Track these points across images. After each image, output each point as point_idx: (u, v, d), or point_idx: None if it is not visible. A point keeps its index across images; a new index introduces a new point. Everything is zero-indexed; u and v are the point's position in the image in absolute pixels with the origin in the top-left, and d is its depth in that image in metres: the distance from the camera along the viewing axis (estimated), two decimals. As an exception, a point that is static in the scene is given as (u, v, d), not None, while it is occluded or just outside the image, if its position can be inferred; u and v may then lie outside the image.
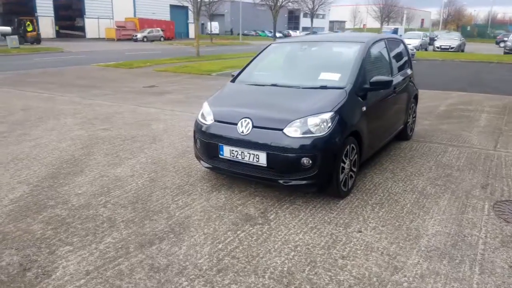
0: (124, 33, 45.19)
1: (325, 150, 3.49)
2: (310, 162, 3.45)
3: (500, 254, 2.90)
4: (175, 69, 16.38)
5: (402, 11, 74.34)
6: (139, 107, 8.43)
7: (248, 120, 3.71)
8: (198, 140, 4.12)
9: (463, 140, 5.91)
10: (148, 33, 44.80)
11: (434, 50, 29.69)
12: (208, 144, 3.97)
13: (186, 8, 55.85)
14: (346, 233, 3.19)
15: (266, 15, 68.69)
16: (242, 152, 3.70)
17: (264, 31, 70.71)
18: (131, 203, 3.77)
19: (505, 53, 26.76)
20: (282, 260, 2.80)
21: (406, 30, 50.37)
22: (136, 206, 3.71)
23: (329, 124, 3.52)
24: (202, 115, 4.21)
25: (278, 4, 29.84)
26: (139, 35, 43.96)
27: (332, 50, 4.78)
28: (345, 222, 3.36)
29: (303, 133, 3.51)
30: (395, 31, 47.35)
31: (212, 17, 43.63)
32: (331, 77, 4.13)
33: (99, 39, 45.35)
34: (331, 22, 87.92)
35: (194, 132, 4.26)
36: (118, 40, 44.31)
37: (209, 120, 4.04)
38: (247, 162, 3.69)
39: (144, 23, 47.04)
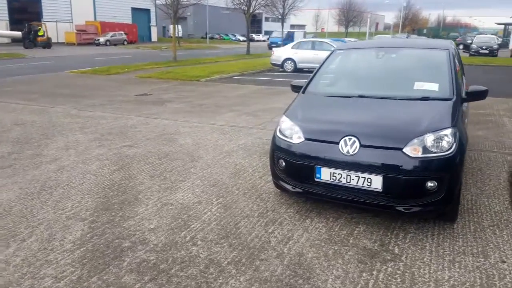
0: (85, 37, 43.08)
1: (452, 170, 3.12)
2: (436, 185, 3.08)
3: None
4: (159, 75, 15.57)
5: (361, 15, 76.46)
6: (148, 119, 7.74)
7: (353, 138, 3.27)
8: (282, 161, 3.63)
9: (511, 147, 5.80)
10: (111, 36, 42.97)
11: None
12: (299, 166, 3.49)
13: (148, 10, 54.35)
14: (491, 264, 2.84)
15: (230, 19, 68.29)
16: (347, 175, 3.25)
17: (228, 35, 70.22)
18: (222, 238, 3.22)
19: (470, 55, 28.00)
20: (454, 307, 2.40)
21: (372, 34, 51.73)
22: (231, 241, 3.17)
23: (452, 141, 3.16)
24: (282, 131, 3.73)
25: (251, 9, 29.46)
26: (102, 39, 42.03)
27: (414, 58, 4.44)
28: (479, 251, 3.01)
29: (426, 153, 3.12)
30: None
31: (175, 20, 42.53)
32: (429, 87, 3.78)
33: (58, 43, 42.85)
34: (292, 26, 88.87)
35: (273, 151, 3.76)
36: (79, 44, 42.16)
37: (297, 138, 3.56)
38: (354, 186, 3.25)
39: (106, 26, 45.12)
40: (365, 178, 3.20)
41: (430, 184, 3.08)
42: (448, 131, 3.20)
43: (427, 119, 3.35)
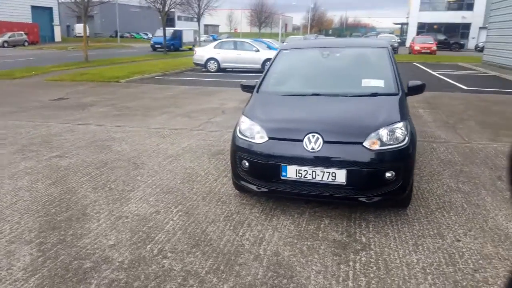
0: (-24, 39, 38.15)
1: (406, 160, 3.35)
2: (394, 174, 3.28)
3: None
4: (73, 77, 14.42)
5: (271, 16, 78.80)
6: (73, 125, 7.11)
7: (316, 135, 3.34)
8: (246, 162, 3.58)
9: (434, 136, 6.42)
10: (9, 37, 38.60)
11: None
12: (264, 165, 3.47)
13: (50, 9, 49.83)
14: (448, 244, 3.11)
15: (141, 17, 65.61)
16: (313, 171, 3.32)
17: (139, 33, 67.46)
18: (193, 247, 3.07)
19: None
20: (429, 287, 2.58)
21: (283, 35, 53.51)
22: (203, 249, 3.04)
23: (405, 133, 3.40)
24: (243, 132, 3.68)
25: (166, 8, 28.65)
26: (-1, 40, 37.63)
27: (358, 56, 4.66)
28: (436, 233, 3.28)
29: (383, 145, 3.30)
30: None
31: (79, 19, 39.57)
32: (376, 83, 4.01)
33: None
34: (206, 26, 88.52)
35: (235, 152, 3.70)
36: (-30, 45, 37.22)
37: (259, 137, 3.54)
38: (320, 181, 3.33)
39: (3, 26, 40.39)
40: (329, 172, 3.29)
41: (388, 174, 3.27)
42: (401, 124, 3.43)
43: (381, 114, 3.56)
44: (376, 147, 3.29)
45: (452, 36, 44.27)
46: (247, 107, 3.99)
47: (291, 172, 3.37)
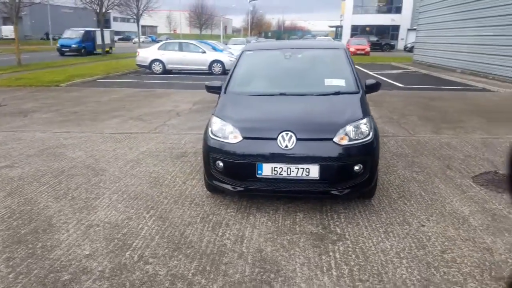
0: None
1: (372, 153, 3.57)
2: (362, 167, 3.48)
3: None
4: (7, 82, 13.39)
5: (212, 18, 78.52)
6: (18, 133, 6.64)
7: (290, 133, 3.45)
8: (220, 162, 3.60)
9: (383, 131, 6.83)
10: None
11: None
12: (240, 164, 3.52)
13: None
14: (415, 230, 3.35)
15: (74, 19, 62.22)
16: (288, 168, 3.42)
17: (73, 36, 63.94)
18: (175, 250, 3.04)
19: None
20: (410, 272, 2.77)
21: (225, 37, 53.43)
22: (186, 252, 3.02)
23: (370, 128, 3.61)
24: (216, 132, 3.70)
25: (104, 8, 27.46)
26: None
27: (318, 57, 4.84)
28: (402, 220, 3.52)
29: (351, 140, 3.49)
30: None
31: (6, 20, 36.71)
32: (337, 82, 4.21)
33: None
34: (144, 27, 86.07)
35: (208, 153, 3.70)
36: None
37: (233, 137, 3.58)
38: (294, 177, 3.44)
39: None
40: (303, 168, 3.41)
41: (356, 167, 3.47)
42: (365, 120, 3.65)
43: (346, 111, 3.75)
44: (345, 142, 3.47)
45: (383, 38, 47.02)
46: (217, 108, 4.00)
47: (267, 170, 3.45)
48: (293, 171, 3.43)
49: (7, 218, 3.55)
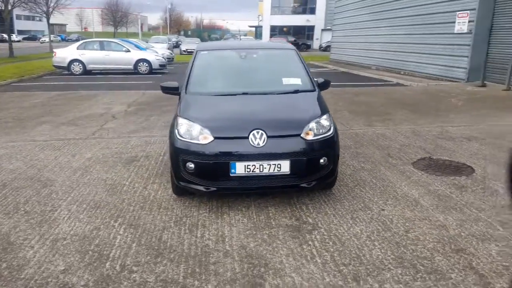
0: None
1: (335, 147, 3.81)
2: (326, 160, 3.71)
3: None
4: None
5: (126, 15, 75.23)
6: None
7: (260, 131, 3.55)
8: (191, 164, 3.57)
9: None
10: None
11: (181, 54, 32.30)
12: (213, 165, 3.53)
13: None
14: (377, 214, 3.66)
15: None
16: (260, 165, 3.52)
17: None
18: (157, 256, 2.97)
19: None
20: (384, 252, 3.03)
21: (143, 35, 51.50)
22: (170, 256, 2.97)
23: (331, 123, 3.86)
24: (183, 134, 3.66)
25: (9, 6, 24.86)
26: None
27: (271, 57, 4.98)
28: (363, 206, 3.82)
29: (315, 135, 3.70)
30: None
31: None
32: (294, 81, 4.40)
33: None
34: (52, 25, 79.62)
35: (177, 155, 3.65)
36: None
37: (203, 138, 3.58)
38: (267, 174, 3.55)
39: None
40: (275, 164, 3.54)
41: (322, 160, 3.69)
42: (325, 116, 3.89)
43: (309, 108, 3.96)
44: (310, 137, 3.67)
45: (299, 38, 49.15)
46: (182, 109, 3.95)
47: (240, 168, 3.52)
48: (265, 168, 3.54)
49: (-46, 241, 3.17)
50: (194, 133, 3.64)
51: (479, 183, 4.35)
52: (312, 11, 51.15)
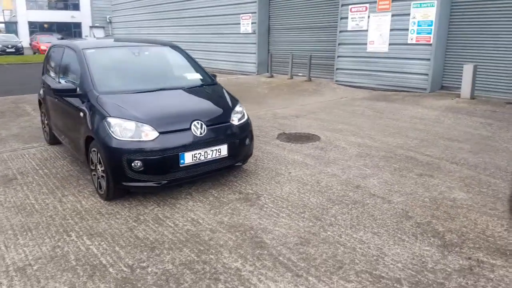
0: None
1: (251, 129, 4.52)
2: (249, 141, 4.41)
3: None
4: None
5: None
6: None
7: (200, 121, 3.93)
8: (138, 162, 3.61)
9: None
10: None
11: None
12: (161, 159, 3.69)
13: None
14: (289, 176, 4.62)
15: None
16: (205, 152, 3.92)
17: None
18: (153, 250, 3.07)
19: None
20: (317, 198, 4.00)
21: None
22: (166, 247, 3.11)
23: (243, 110, 4.55)
24: (121, 133, 3.67)
25: None
26: None
27: (161, 54, 5.12)
28: (276, 173, 4.70)
29: (239, 121, 4.33)
30: None
31: None
32: (196, 76, 4.81)
33: None
34: None
35: (121, 155, 3.61)
36: None
37: (145, 135, 3.68)
38: (210, 159, 3.97)
39: None
40: (216, 150, 4.01)
41: (247, 141, 4.38)
42: (239, 104, 4.56)
43: (225, 98, 4.54)
44: (236, 123, 4.30)
45: (67, 35, 45.09)
46: (109, 109, 3.82)
47: (188, 158, 3.82)
48: (209, 154, 3.96)
49: None
50: (135, 131, 3.69)
51: (330, 144, 5.92)
52: (76, 7, 47.62)
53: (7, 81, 14.22)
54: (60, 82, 4.93)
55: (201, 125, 3.94)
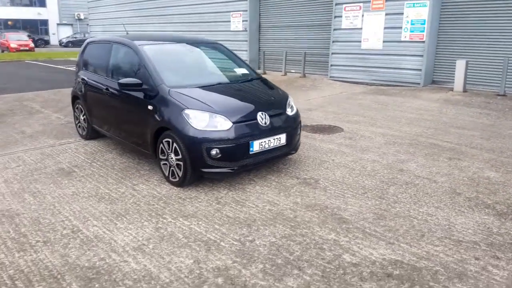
0: None
1: (300, 120, 4.86)
2: (299, 132, 4.75)
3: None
4: None
5: None
6: None
7: (264, 113, 4.23)
8: (216, 149, 3.88)
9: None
10: None
11: None
12: (235, 147, 3.97)
13: None
14: (333, 163, 5.01)
15: None
16: (269, 140, 4.23)
17: None
18: (275, 222, 3.36)
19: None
20: (380, 177, 4.41)
21: None
22: (280, 219, 3.42)
23: (293, 102, 4.88)
24: (199, 124, 3.93)
25: None
26: None
27: (210, 50, 5.34)
28: (321, 161, 5.08)
29: (291, 112, 4.66)
30: None
31: None
32: (243, 71, 5.09)
33: None
34: None
35: (200, 145, 3.87)
36: None
37: (224, 124, 3.96)
38: (272, 147, 4.28)
39: None
40: (277, 138, 4.32)
41: (298, 131, 4.73)
42: (290, 96, 4.89)
43: (277, 91, 4.85)
44: (291, 113, 4.63)
45: (34, 33, 43.52)
46: (184, 102, 4.05)
47: (256, 146, 4.12)
48: (271, 142, 4.28)
49: None
50: (211, 122, 3.95)
51: (356, 134, 6.36)
52: (42, 3, 46.00)
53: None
54: (109, 78, 5.06)
55: (265, 115, 4.24)
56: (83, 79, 5.68)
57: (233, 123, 4.02)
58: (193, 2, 17.30)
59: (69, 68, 17.84)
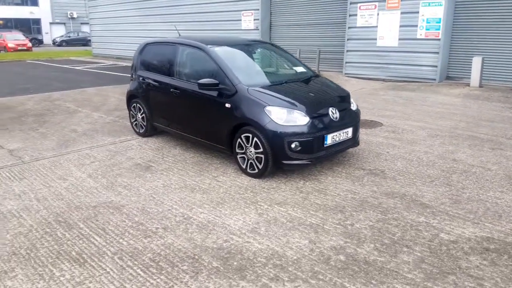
0: None
1: (359, 115, 5.20)
2: (359, 125, 5.10)
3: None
4: None
5: None
6: None
7: (334, 108, 4.56)
8: (296, 143, 4.19)
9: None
10: None
11: None
12: (312, 140, 4.29)
13: None
14: (387, 155, 5.36)
15: None
16: (339, 133, 4.56)
17: None
18: (362, 207, 3.69)
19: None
20: (437, 168, 4.78)
21: None
22: (368, 204, 3.75)
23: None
24: (282, 119, 4.24)
25: None
26: None
27: (268, 50, 5.70)
28: (380, 152, 5.43)
29: (354, 107, 5.00)
30: None
31: None
32: (302, 69, 5.41)
33: None
34: None
35: (282, 139, 4.19)
36: None
37: (302, 119, 4.27)
38: (341, 140, 4.61)
39: None
40: (345, 132, 4.66)
41: (359, 125, 5.07)
42: (350, 93, 5.22)
43: (340, 88, 5.18)
44: (354, 108, 4.97)
45: (27, 32, 43.03)
46: (265, 100, 4.34)
47: (329, 139, 4.45)
48: (341, 136, 4.61)
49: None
50: (291, 117, 4.27)
51: (397, 128, 6.72)
52: (35, 2, 45.53)
53: None
54: (176, 78, 5.30)
55: (336, 110, 4.57)
56: (143, 79, 5.91)
57: (310, 118, 4.34)
58: (202, 1, 17.48)
59: (76, 68, 17.95)
